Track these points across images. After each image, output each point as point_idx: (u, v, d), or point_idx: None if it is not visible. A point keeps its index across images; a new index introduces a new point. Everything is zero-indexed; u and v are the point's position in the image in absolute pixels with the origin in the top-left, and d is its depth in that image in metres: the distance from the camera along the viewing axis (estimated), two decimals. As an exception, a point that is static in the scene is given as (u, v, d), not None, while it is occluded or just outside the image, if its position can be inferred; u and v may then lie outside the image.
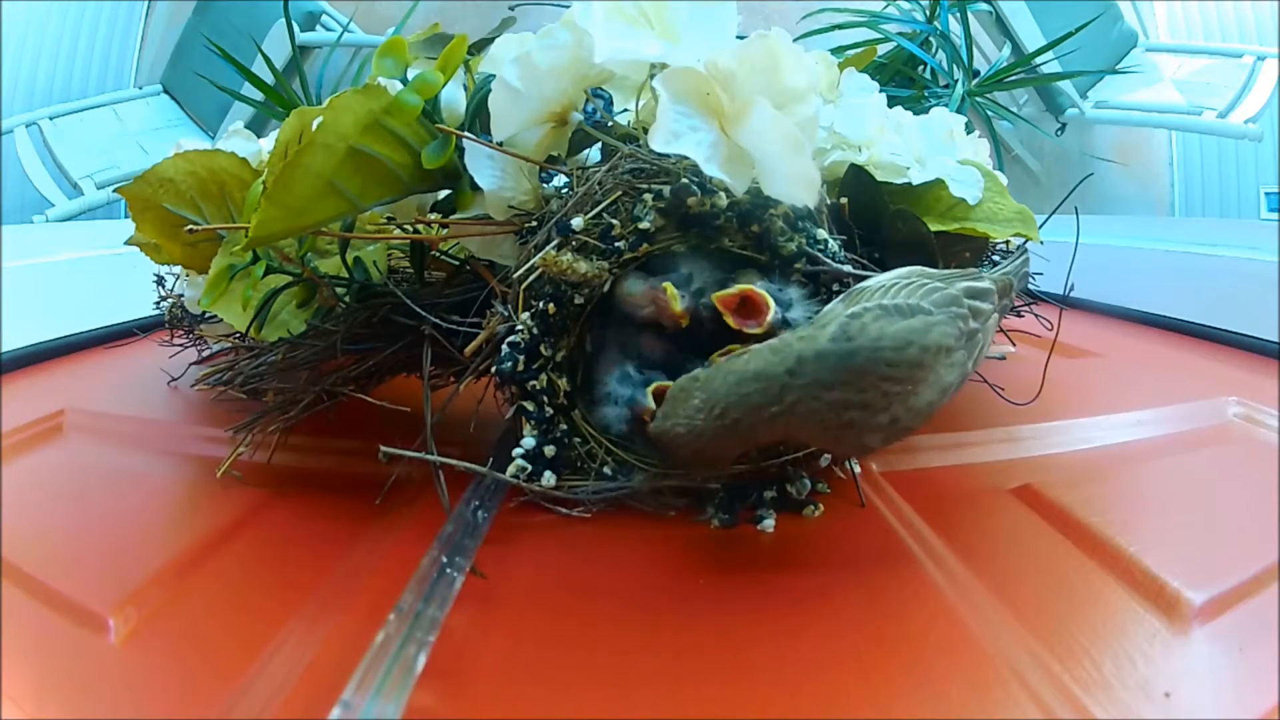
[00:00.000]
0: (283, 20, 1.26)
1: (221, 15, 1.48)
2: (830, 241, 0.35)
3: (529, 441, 0.35)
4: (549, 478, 0.35)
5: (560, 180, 0.37)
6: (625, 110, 0.38)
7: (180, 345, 0.56)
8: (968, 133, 0.47)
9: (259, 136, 0.48)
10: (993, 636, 0.26)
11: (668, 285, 0.34)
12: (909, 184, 0.41)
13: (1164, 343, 0.65)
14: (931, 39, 0.81)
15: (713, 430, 0.29)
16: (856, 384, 0.28)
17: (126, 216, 0.42)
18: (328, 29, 1.50)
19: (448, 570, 0.28)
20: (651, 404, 0.34)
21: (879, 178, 0.40)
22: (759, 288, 0.33)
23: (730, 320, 0.33)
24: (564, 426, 0.36)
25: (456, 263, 0.42)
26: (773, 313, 0.33)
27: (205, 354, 0.54)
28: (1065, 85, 1.45)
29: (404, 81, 0.35)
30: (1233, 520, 0.34)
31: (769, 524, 0.34)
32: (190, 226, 0.39)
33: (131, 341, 0.66)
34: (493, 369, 0.36)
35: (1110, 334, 0.66)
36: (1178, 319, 0.67)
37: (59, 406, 0.49)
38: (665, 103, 0.31)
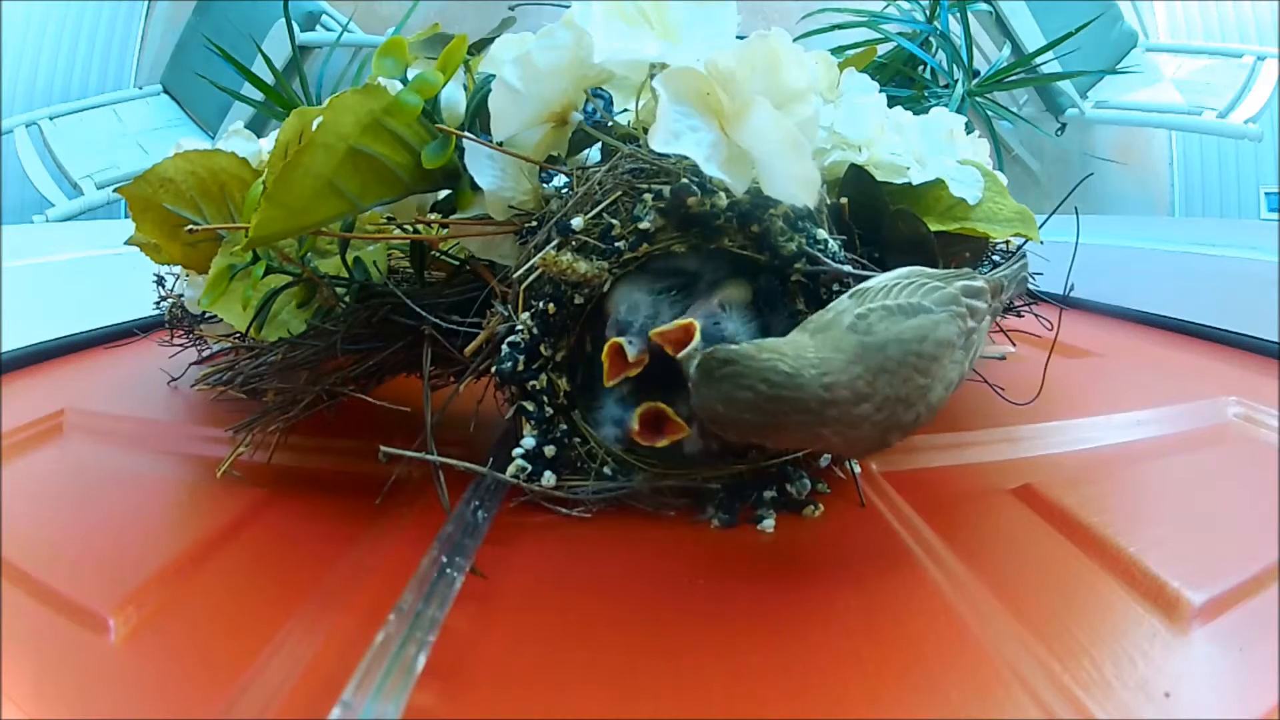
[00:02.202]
0: (283, 20, 1.26)
1: (221, 15, 1.48)
2: (830, 241, 0.35)
3: (529, 441, 0.35)
4: (549, 478, 0.35)
5: (560, 180, 0.37)
6: (625, 110, 0.38)
7: (180, 345, 0.56)
8: (968, 133, 0.47)
9: (259, 136, 0.48)
10: (993, 636, 0.26)
11: (613, 342, 0.34)
12: (909, 184, 0.41)
13: (1164, 343, 0.64)
14: (931, 39, 0.81)
15: (819, 401, 0.26)
16: (900, 373, 0.27)
17: (126, 216, 0.42)
18: (328, 29, 1.50)
19: (448, 570, 0.28)
20: (636, 425, 0.34)
21: (879, 178, 0.40)
22: (700, 318, 0.33)
23: (670, 352, 0.33)
24: (564, 426, 0.36)
25: (456, 263, 0.42)
26: (692, 346, 0.32)
27: (205, 354, 0.54)
28: (1065, 85, 1.45)
29: (404, 81, 0.35)
30: (1233, 520, 0.34)
31: (769, 524, 0.34)
32: (190, 226, 0.39)
33: (131, 341, 0.66)
34: (493, 369, 0.36)
35: (1110, 334, 0.66)
36: (1178, 319, 0.67)
37: (59, 406, 0.49)
38: (665, 103, 0.31)
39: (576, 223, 0.34)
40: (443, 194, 0.40)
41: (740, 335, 0.34)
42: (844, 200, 0.39)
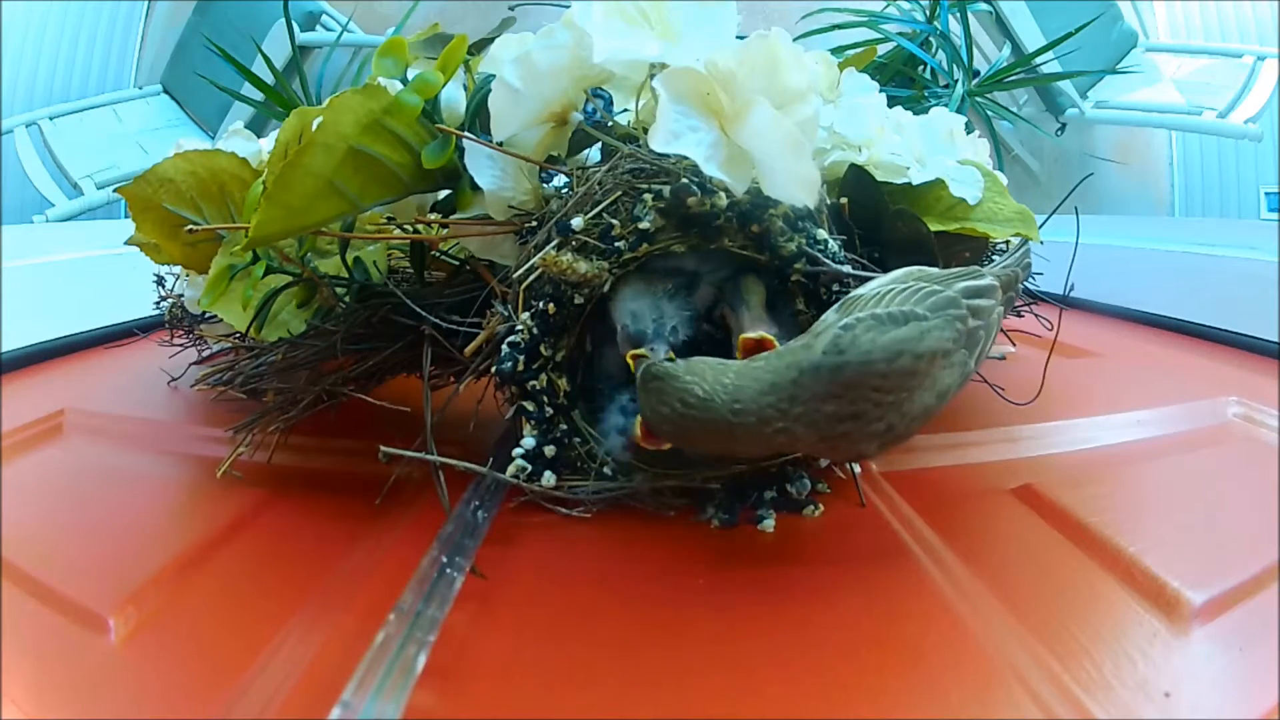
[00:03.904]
0: (283, 20, 1.26)
1: (221, 15, 1.48)
2: (830, 241, 0.35)
3: (529, 441, 0.35)
4: (549, 478, 0.35)
5: (560, 180, 0.37)
6: (625, 110, 0.38)
7: (180, 345, 0.56)
8: (968, 133, 0.47)
9: (259, 136, 0.48)
10: (993, 636, 0.26)
11: (634, 355, 0.33)
12: (909, 184, 0.41)
13: (1164, 343, 0.64)
14: (931, 39, 0.81)
15: (727, 423, 0.28)
16: (848, 396, 0.28)
17: (126, 216, 0.42)
18: (328, 29, 1.50)
19: (448, 570, 0.28)
20: (639, 432, 0.34)
21: (879, 178, 0.40)
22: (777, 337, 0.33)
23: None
24: (564, 426, 0.36)
25: (456, 263, 0.42)
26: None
27: (205, 354, 0.54)
28: (1065, 85, 1.45)
29: (404, 81, 0.35)
30: (1233, 520, 0.34)
31: (769, 524, 0.34)
32: (190, 226, 0.39)
33: (131, 341, 0.66)
34: (493, 369, 0.36)
35: (1110, 334, 0.66)
36: (1178, 319, 0.67)
37: (59, 406, 0.49)
38: (665, 103, 0.31)
39: (576, 223, 0.34)
40: (443, 194, 0.40)
41: None
42: (844, 200, 0.39)
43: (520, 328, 0.35)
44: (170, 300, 0.58)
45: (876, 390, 0.28)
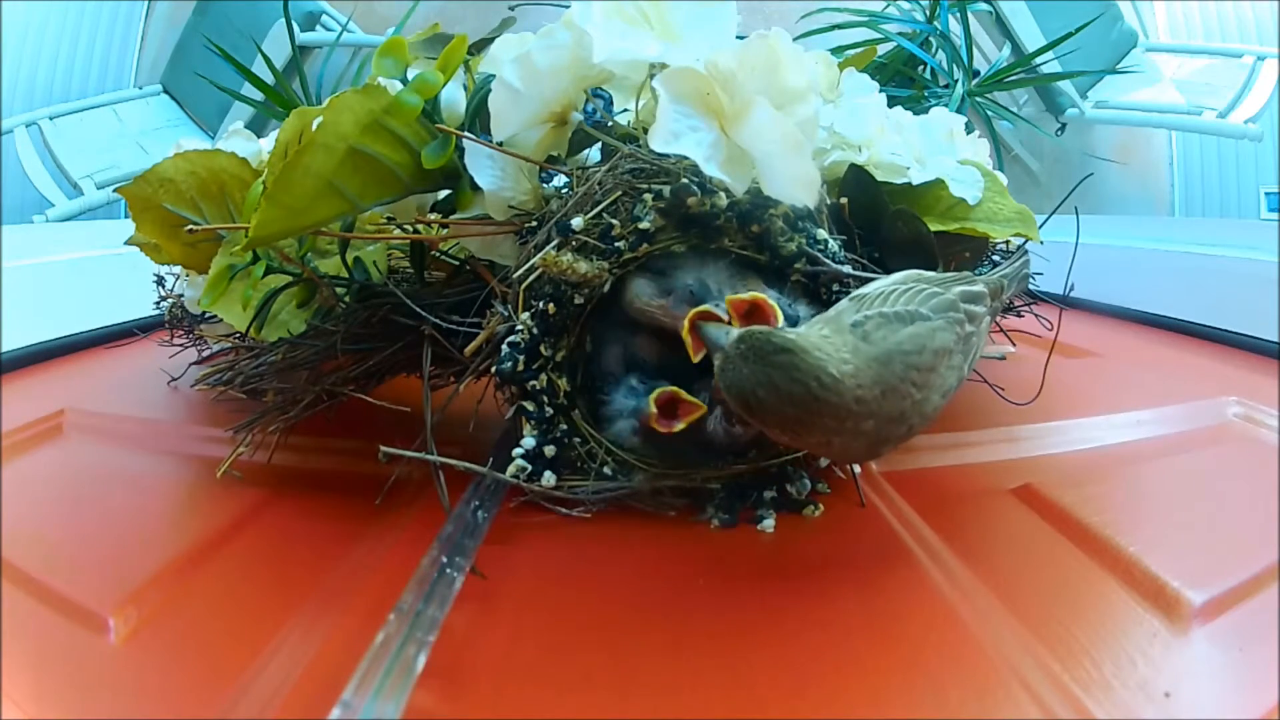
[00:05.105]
0: (283, 20, 1.26)
1: (221, 15, 1.48)
2: (830, 241, 0.35)
3: (529, 441, 0.35)
4: (549, 478, 0.35)
5: (560, 180, 0.37)
6: (625, 110, 0.38)
7: (180, 345, 0.56)
8: (968, 133, 0.47)
9: (259, 136, 0.48)
10: (993, 636, 0.26)
11: (700, 311, 0.33)
12: (909, 184, 0.41)
13: (1164, 343, 0.64)
14: (931, 39, 0.81)
15: (846, 411, 0.26)
16: (897, 389, 0.27)
17: (126, 216, 0.42)
18: (328, 29, 1.50)
19: (448, 570, 0.28)
20: (654, 409, 0.34)
21: (879, 178, 0.40)
22: (771, 299, 0.33)
23: (735, 324, 0.33)
24: (564, 426, 0.36)
25: (456, 263, 0.42)
26: (779, 327, 0.33)
27: (205, 354, 0.54)
28: (1065, 85, 1.45)
29: (404, 81, 0.35)
30: (1233, 520, 0.34)
31: (769, 524, 0.34)
32: (190, 226, 0.39)
33: (131, 341, 0.66)
34: (493, 369, 0.36)
35: (1110, 334, 0.66)
36: (1178, 319, 0.67)
37: (59, 406, 0.49)
38: (665, 103, 0.31)
39: (576, 223, 0.34)
40: (443, 194, 0.40)
41: (803, 321, 0.34)
42: (844, 200, 0.39)
43: (520, 328, 0.35)
44: (170, 300, 0.58)
45: (913, 385, 0.28)
